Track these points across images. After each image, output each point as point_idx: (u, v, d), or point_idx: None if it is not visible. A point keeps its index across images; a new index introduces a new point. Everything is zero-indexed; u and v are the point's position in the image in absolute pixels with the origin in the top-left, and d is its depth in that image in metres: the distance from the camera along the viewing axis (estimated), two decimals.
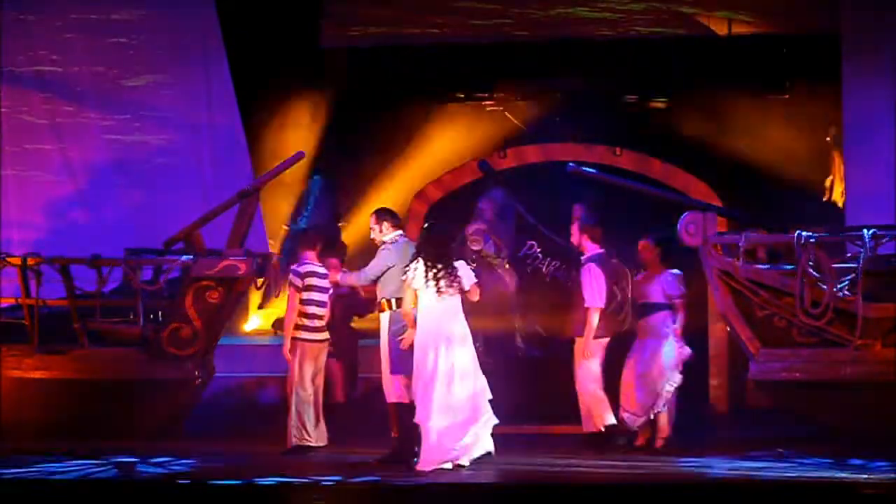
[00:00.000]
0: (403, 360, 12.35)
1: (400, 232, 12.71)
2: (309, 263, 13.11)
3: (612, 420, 12.90)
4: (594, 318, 12.81)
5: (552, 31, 17.09)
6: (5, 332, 13.94)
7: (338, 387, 14.22)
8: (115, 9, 17.20)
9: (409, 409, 12.35)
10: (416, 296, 12.18)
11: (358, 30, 17.50)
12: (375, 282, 12.64)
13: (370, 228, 12.79)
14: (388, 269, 12.50)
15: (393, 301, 12.46)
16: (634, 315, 13.18)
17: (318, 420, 13.13)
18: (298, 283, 12.97)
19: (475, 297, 12.40)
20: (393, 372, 12.46)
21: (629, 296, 13.20)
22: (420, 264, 12.18)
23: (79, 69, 17.20)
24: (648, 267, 13.23)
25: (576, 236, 13.10)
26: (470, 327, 12.44)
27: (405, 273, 12.21)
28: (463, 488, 11.47)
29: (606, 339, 12.97)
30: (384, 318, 12.59)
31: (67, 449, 12.89)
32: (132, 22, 17.25)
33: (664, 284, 13.08)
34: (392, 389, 12.52)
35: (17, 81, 17.01)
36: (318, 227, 14.15)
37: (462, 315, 12.31)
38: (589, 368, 12.90)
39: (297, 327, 13.06)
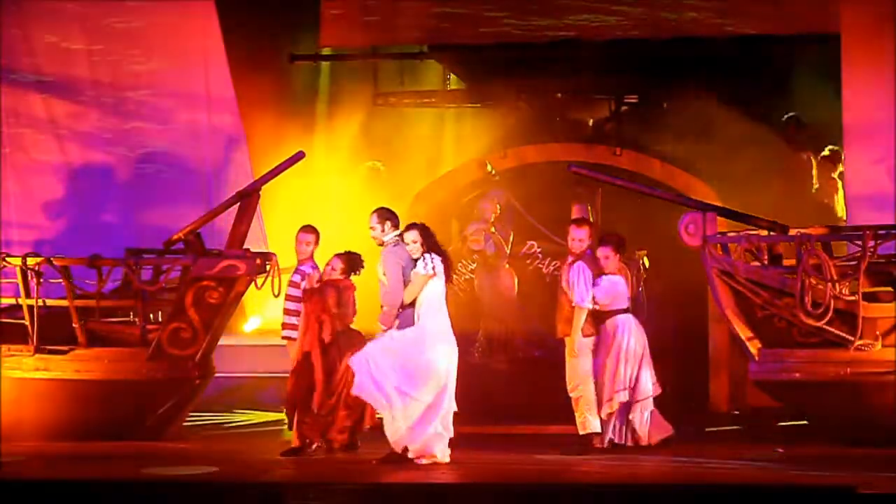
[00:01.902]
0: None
1: (399, 232, 12.66)
2: (316, 265, 13.05)
3: (594, 428, 12.87)
4: (581, 317, 12.81)
5: (552, 31, 17.05)
6: (5, 332, 13.94)
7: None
8: (116, 9, 17.18)
9: None
10: (424, 284, 12.17)
11: (356, 30, 17.47)
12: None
13: (370, 227, 12.72)
14: (404, 268, 12.47)
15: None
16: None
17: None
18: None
19: None
20: None
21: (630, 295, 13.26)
22: (435, 256, 12.20)
23: (79, 69, 17.17)
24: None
25: (587, 241, 12.98)
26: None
27: (418, 265, 12.18)
28: (462, 488, 11.46)
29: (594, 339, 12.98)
30: None
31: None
32: (132, 22, 17.22)
33: None
34: None
35: (17, 81, 16.98)
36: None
37: None
38: (583, 369, 12.87)
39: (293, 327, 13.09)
